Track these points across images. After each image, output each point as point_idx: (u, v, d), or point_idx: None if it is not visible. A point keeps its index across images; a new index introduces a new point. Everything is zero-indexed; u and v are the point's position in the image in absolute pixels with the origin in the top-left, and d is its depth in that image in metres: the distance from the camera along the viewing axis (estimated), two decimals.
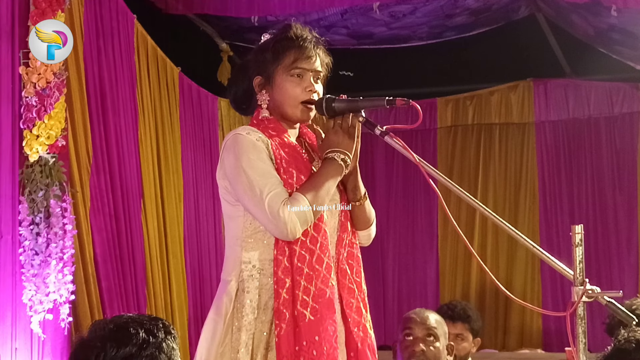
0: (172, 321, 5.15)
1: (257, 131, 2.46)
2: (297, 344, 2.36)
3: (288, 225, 2.34)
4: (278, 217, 2.33)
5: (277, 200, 2.34)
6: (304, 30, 2.55)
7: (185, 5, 5.37)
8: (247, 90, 2.58)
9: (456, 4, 5.49)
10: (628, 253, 6.80)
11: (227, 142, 2.47)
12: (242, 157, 2.39)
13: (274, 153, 2.43)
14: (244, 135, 2.43)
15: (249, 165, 2.38)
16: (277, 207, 2.34)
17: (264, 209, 2.35)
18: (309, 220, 2.38)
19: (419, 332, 3.23)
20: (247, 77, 2.57)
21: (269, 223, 2.36)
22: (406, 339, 3.22)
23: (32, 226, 3.91)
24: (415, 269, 7.22)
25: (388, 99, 2.43)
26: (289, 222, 2.34)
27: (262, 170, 2.38)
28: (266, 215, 2.35)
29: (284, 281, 2.37)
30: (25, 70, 3.96)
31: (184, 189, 5.50)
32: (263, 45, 2.56)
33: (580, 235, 2.10)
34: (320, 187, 2.39)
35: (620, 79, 6.78)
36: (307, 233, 2.41)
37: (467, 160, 7.19)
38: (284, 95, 2.51)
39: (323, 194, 2.40)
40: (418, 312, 3.32)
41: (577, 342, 2.08)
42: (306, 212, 2.36)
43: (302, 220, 2.36)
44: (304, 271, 2.38)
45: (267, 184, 2.36)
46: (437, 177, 2.35)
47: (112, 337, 1.77)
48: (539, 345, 6.74)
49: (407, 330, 3.24)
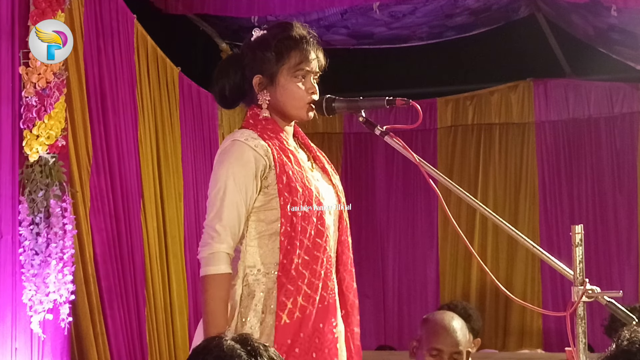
0: (172, 322, 5.15)
1: (256, 137, 2.44)
2: (297, 346, 2.36)
3: (202, 262, 2.47)
4: (203, 250, 2.46)
5: (211, 245, 2.43)
6: (305, 30, 2.54)
7: (185, 5, 5.36)
8: (238, 85, 2.54)
9: (456, 4, 5.49)
10: (628, 253, 6.80)
11: (225, 145, 2.48)
12: (227, 169, 2.44)
13: (274, 160, 2.42)
14: (240, 143, 2.45)
15: (225, 188, 2.43)
16: (207, 248, 2.44)
17: (207, 230, 2.45)
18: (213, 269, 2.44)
19: (447, 348, 3.12)
20: (239, 72, 2.53)
21: (203, 238, 2.46)
22: (431, 354, 3.12)
23: (32, 226, 3.91)
24: (415, 269, 7.22)
25: (388, 99, 2.43)
26: (203, 263, 2.46)
27: (232, 205, 2.42)
28: (205, 233, 2.46)
29: (287, 286, 2.37)
30: (25, 70, 3.96)
31: (184, 189, 5.49)
32: (262, 43, 2.53)
33: (580, 235, 2.10)
34: (207, 305, 2.42)
35: (620, 79, 6.78)
36: (311, 238, 2.41)
37: (467, 160, 7.19)
38: (288, 97, 2.50)
39: (205, 301, 2.44)
40: (450, 328, 3.15)
41: (577, 342, 2.08)
42: (210, 275, 2.44)
43: (207, 265, 2.45)
44: (305, 276, 2.38)
45: (224, 222, 2.42)
46: (437, 177, 2.35)
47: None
48: (539, 345, 6.74)
49: (436, 350, 3.12)
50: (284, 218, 2.39)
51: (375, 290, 7.22)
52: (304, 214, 2.41)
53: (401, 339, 7.09)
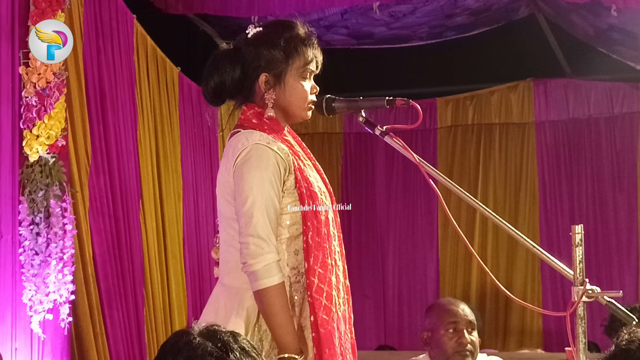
0: (171, 322, 5.15)
1: (275, 140, 2.40)
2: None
3: (257, 274, 2.30)
4: (256, 262, 2.30)
5: (263, 256, 2.30)
6: (306, 28, 2.53)
7: (185, 5, 5.36)
8: (237, 82, 2.48)
9: (456, 4, 5.49)
10: (628, 253, 6.80)
11: (244, 149, 2.38)
12: (258, 175, 2.34)
13: (293, 163, 2.40)
14: (263, 147, 2.37)
15: (260, 194, 2.33)
16: (260, 259, 2.30)
17: (252, 240, 2.31)
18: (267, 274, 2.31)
19: (462, 319, 3.34)
20: (238, 69, 2.48)
21: (249, 249, 2.32)
22: (449, 331, 3.33)
23: (32, 226, 3.91)
24: (415, 269, 7.22)
25: (388, 99, 2.43)
26: (259, 276, 2.30)
27: (270, 209, 2.34)
28: (251, 244, 2.31)
29: (318, 291, 2.36)
30: (25, 70, 3.96)
31: (183, 189, 5.49)
32: (267, 40, 2.48)
33: (580, 235, 2.10)
34: (273, 318, 2.31)
35: (620, 79, 6.78)
36: (330, 241, 2.41)
37: (467, 160, 7.19)
38: (295, 96, 2.47)
39: (269, 316, 2.32)
40: (457, 304, 3.43)
41: (577, 342, 2.08)
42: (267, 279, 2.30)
43: (264, 278, 2.31)
44: (331, 281, 2.38)
45: (267, 229, 2.31)
46: (437, 177, 2.35)
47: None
48: (539, 345, 6.75)
49: (452, 324, 3.33)
50: (309, 222, 2.37)
51: (375, 290, 7.22)
52: (325, 218, 2.41)
53: (401, 339, 7.09)
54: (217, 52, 2.61)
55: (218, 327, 1.68)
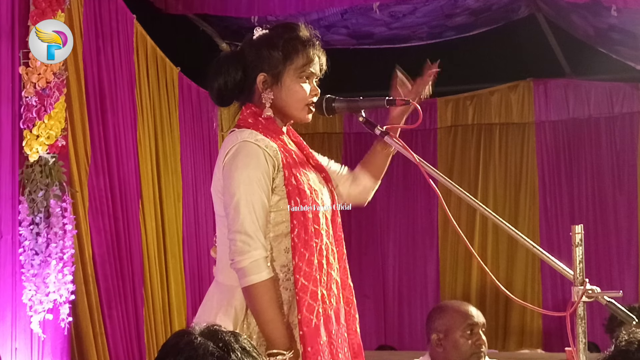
0: (170, 322, 5.15)
1: (263, 137, 2.40)
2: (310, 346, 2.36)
3: (244, 271, 2.32)
4: (243, 259, 2.32)
5: (250, 253, 2.32)
6: (310, 32, 2.53)
7: (185, 5, 5.36)
8: (238, 83, 2.49)
9: (456, 4, 5.49)
10: (628, 253, 6.80)
11: (233, 146, 2.40)
12: (246, 172, 2.35)
13: (282, 161, 2.40)
14: (251, 144, 2.38)
15: (247, 191, 2.34)
16: (247, 256, 2.31)
17: (239, 237, 2.32)
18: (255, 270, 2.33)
19: (479, 320, 3.35)
20: (240, 69, 2.49)
21: (237, 245, 2.33)
22: (466, 332, 3.31)
23: (32, 226, 3.91)
24: (415, 269, 7.22)
25: (388, 99, 2.43)
26: (246, 272, 2.32)
27: (258, 206, 2.35)
28: (239, 241, 2.33)
29: (306, 290, 2.35)
30: (25, 70, 3.96)
31: (182, 190, 5.49)
32: (268, 41, 2.49)
33: (580, 235, 2.10)
34: (261, 314, 2.32)
35: (620, 79, 6.78)
36: (321, 240, 2.40)
37: (467, 160, 7.19)
38: (292, 97, 2.48)
39: (257, 312, 2.34)
40: (468, 305, 3.42)
41: (577, 342, 2.08)
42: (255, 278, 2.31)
43: (251, 274, 2.32)
44: (319, 279, 2.37)
45: (254, 226, 2.33)
46: (437, 177, 2.35)
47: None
48: (539, 345, 6.75)
49: (470, 325, 3.32)
50: (296, 220, 2.37)
51: (375, 290, 7.22)
52: (314, 216, 2.39)
53: (401, 339, 7.09)
54: (221, 54, 2.61)
55: (219, 327, 1.69)
